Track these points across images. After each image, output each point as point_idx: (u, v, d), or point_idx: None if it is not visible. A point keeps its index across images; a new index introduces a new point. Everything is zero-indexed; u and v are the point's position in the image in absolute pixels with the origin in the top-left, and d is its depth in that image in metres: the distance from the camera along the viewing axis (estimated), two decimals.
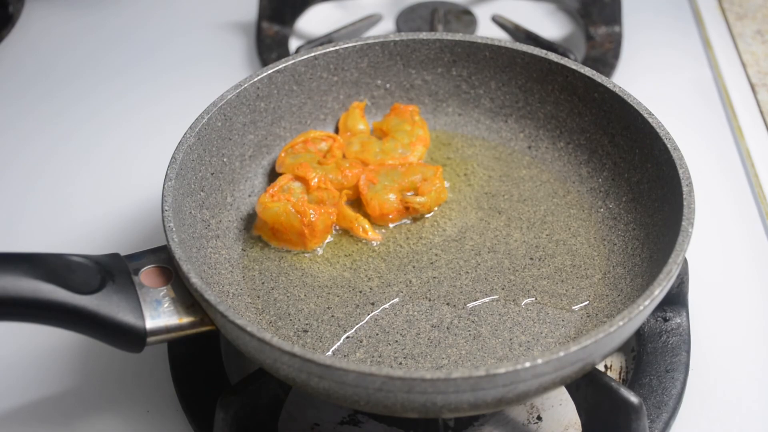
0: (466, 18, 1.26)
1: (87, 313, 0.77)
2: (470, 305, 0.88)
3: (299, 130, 1.01)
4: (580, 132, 0.99)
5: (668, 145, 0.88)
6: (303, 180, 0.95)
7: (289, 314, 0.88)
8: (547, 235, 0.94)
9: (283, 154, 0.98)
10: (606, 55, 1.22)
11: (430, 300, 0.89)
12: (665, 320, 0.92)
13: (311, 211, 0.91)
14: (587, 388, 0.82)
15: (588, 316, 0.87)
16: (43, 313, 0.77)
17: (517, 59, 1.00)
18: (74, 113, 1.20)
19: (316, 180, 0.94)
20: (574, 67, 0.97)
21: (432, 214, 0.96)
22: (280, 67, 0.98)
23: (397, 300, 0.89)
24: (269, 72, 0.97)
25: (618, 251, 0.91)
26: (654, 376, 0.89)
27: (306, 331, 0.86)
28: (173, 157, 0.88)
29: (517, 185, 0.98)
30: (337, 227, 0.94)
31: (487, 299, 0.88)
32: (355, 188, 0.96)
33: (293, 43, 1.27)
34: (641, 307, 0.76)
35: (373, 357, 0.84)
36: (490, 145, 1.02)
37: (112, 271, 0.80)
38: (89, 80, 1.24)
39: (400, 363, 0.84)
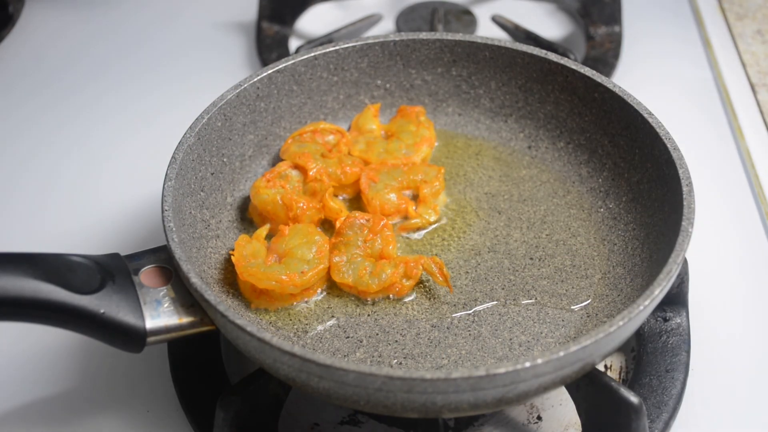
0: (466, 18, 1.26)
1: (87, 313, 0.77)
2: (470, 305, 0.88)
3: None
4: (580, 132, 0.99)
5: (668, 145, 0.88)
6: (302, 169, 0.95)
7: (288, 314, 0.88)
8: (547, 235, 0.94)
9: (289, 141, 0.98)
10: (606, 55, 1.22)
11: (430, 300, 0.88)
12: (665, 320, 0.92)
13: (300, 204, 0.91)
14: (587, 388, 0.82)
15: (588, 316, 0.87)
16: (43, 313, 0.77)
17: (517, 59, 1.00)
18: (74, 113, 1.20)
19: (314, 171, 0.94)
20: (574, 67, 0.97)
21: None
22: (280, 67, 0.98)
23: (397, 300, 0.89)
24: (269, 72, 0.97)
25: (618, 251, 0.91)
26: (654, 376, 0.89)
27: (306, 332, 0.86)
28: (173, 157, 0.88)
29: (517, 185, 0.98)
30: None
31: (486, 299, 0.88)
32: (355, 186, 0.96)
33: (293, 43, 1.27)
34: (641, 307, 0.76)
35: (373, 357, 0.84)
36: (490, 145, 1.02)
37: (112, 271, 0.80)
38: (89, 80, 1.24)
39: (400, 363, 0.84)
